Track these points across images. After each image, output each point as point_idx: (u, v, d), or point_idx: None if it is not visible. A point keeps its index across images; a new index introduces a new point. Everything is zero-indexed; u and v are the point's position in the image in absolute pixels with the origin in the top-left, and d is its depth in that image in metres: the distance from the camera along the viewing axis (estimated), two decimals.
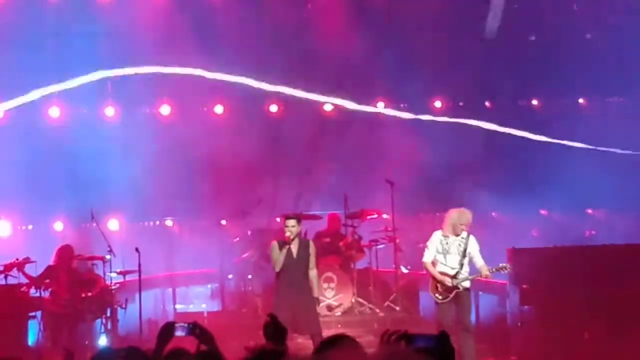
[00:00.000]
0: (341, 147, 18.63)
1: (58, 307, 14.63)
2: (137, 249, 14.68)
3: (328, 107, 19.26)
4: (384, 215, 16.89)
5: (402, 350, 4.94)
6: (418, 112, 19.16)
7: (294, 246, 12.89)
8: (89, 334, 14.92)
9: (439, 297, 12.58)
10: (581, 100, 19.82)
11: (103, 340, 14.78)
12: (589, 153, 17.89)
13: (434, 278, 12.62)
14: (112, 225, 18.20)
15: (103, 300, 14.98)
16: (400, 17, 18.39)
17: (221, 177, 18.10)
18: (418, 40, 18.05)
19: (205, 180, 18.07)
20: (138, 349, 5.75)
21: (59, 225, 18.54)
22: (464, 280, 12.59)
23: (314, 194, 18.25)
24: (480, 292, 15.80)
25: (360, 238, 16.60)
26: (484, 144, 18.66)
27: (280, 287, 12.88)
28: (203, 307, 17.48)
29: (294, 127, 18.42)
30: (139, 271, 14.79)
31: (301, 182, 18.40)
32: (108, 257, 15.21)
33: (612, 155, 18.07)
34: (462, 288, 12.58)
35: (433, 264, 12.71)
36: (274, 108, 19.11)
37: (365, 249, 16.63)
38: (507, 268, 12.90)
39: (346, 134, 18.84)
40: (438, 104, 19.54)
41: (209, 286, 17.85)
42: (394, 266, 16.57)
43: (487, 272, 12.62)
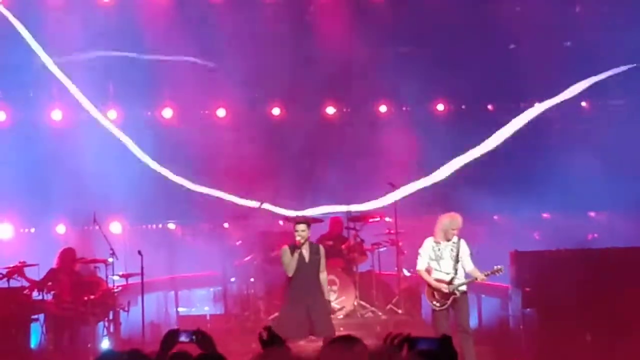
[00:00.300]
0: (343, 149, 18.63)
1: (60, 310, 14.63)
2: (140, 252, 14.68)
3: (330, 109, 19.28)
4: (387, 218, 16.88)
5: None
6: (420, 115, 19.17)
7: (305, 250, 12.85)
8: (92, 337, 14.90)
9: (437, 304, 12.57)
10: (584, 104, 19.81)
11: (105, 343, 14.76)
12: (591, 155, 17.86)
13: (430, 285, 12.61)
14: (115, 228, 18.20)
15: (105, 303, 14.97)
16: (402, 19, 18.40)
17: (223, 180, 18.12)
18: (420, 43, 18.05)
19: (208, 183, 18.08)
20: (140, 352, 5.76)
21: (61, 228, 18.54)
22: (460, 285, 12.58)
23: (316, 197, 18.25)
24: (483, 295, 15.81)
25: (362, 241, 16.59)
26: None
27: (293, 292, 12.81)
28: (205, 310, 17.48)
29: (296, 130, 18.42)
30: (141, 274, 14.78)
31: (303, 184, 18.39)
32: (110, 260, 15.20)
33: (615, 157, 18.04)
34: (459, 293, 12.58)
35: (428, 271, 12.70)
36: (276, 111, 19.13)
37: (368, 252, 16.62)
38: (501, 270, 12.84)
39: (348, 137, 18.85)
40: (440, 107, 19.54)
41: (212, 289, 17.83)
42: (396, 269, 16.57)
43: (482, 276, 12.58)
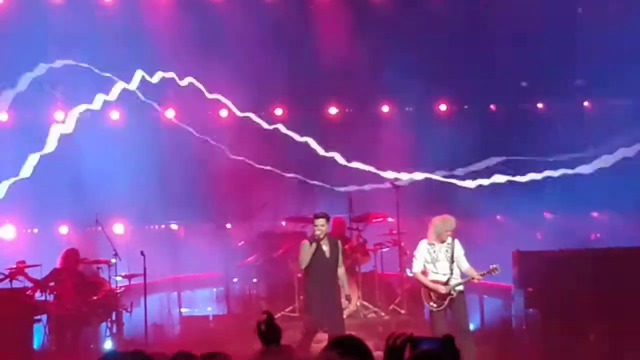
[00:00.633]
0: (345, 149, 18.63)
1: (63, 310, 14.64)
2: (142, 253, 14.70)
3: (332, 109, 19.29)
4: (389, 219, 16.89)
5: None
6: (423, 115, 19.18)
7: (325, 245, 12.88)
8: (94, 337, 14.92)
9: (434, 305, 12.58)
10: (586, 103, 19.81)
11: (108, 344, 14.78)
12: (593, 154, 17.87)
13: (427, 287, 12.62)
14: (117, 228, 18.21)
15: (108, 304, 14.99)
16: (405, 20, 18.39)
17: (225, 181, 18.12)
18: (423, 43, 18.05)
19: (210, 184, 18.09)
20: (143, 353, 5.77)
21: (63, 229, 18.55)
22: (456, 285, 12.59)
23: (318, 198, 18.24)
24: (485, 296, 15.81)
25: (365, 241, 16.59)
26: (487, 146, 18.65)
27: (313, 286, 12.83)
28: (208, 310, 17.48)
29: (297, 130, 18.43)
30: (144, 275, 14.80)
31: (304, 185, 18.39)
32: (113, 260, 15.23)
33: (615, 157, 18.05)
34: (456, 293, 12.60)
35: (424, 273, 12.71)
36: (278, 111, 19.14)
37: (370, 253, 16.63)
38: (498, 270, 12.82)
39: (351, 137, 18.85)
40: (443, 107, 19.55)
41: (214, 290, 17.84)
42: (399, 269, 16.57)
43: (477, 275, 12.58)
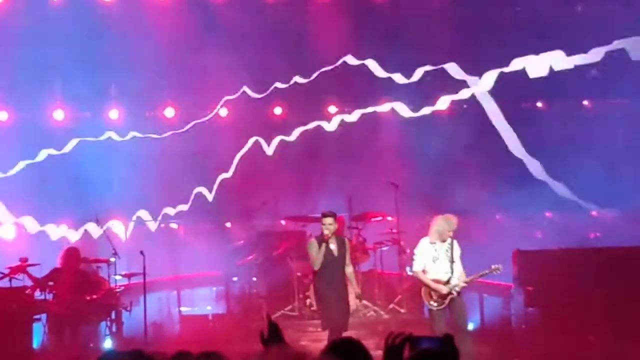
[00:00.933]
0: (345, 149, 18.63)
1: (63, 309, 14.64)
2: (142, 252, 14.70)
3: (332, 109, 19.28)
4: (388, 218, 16.89)
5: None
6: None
7: (333, 244, 12.87)
8: (94, 336, 14.92)
9: (434, 304, 12.58)
10: (585, 102, 19.80)
11: (108, 343, 14.78)
12: (594, 155, 17.84)
13: (428, 286, 12.62)
14: (117, 227, 18.19)
15: (108, 303, 14.99)
16: (403, 19, 18.39)
17: (225, 180, 18.13)
18: (421, 43, 18.04)
19: (210, 183, 18.09)
20: (143, 352, 5.77)
21: (63, 228, 18.53)
22: (457, 285, 12.60)
23: (318, 197, 18.24)
24: (485, 295, 15.81)
25: (364, 240, 16.60)
26: (488, 146, 18.64)
27: (322, 285, 12.84)
28: (208, 309, 17.48)
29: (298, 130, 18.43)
30: (143, 274, 14.80)
31: (304, 185, 18.39)
32: (113, 259, 15.23)
33: (617, 157, 18.04)
34: (456, 293, 12.61)
35: (423, 272, 12.72)
36: (278, 110, 19.14)
37: (370, 251, 16.63)
38: (500, 269, 12.86)
39: (350, 136, 18.84)
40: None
41: (214, 289, 17.84)
42: (398, 268, 16.58)
43: (473, 278, 12.72)
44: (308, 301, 16.06)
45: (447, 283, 12.56)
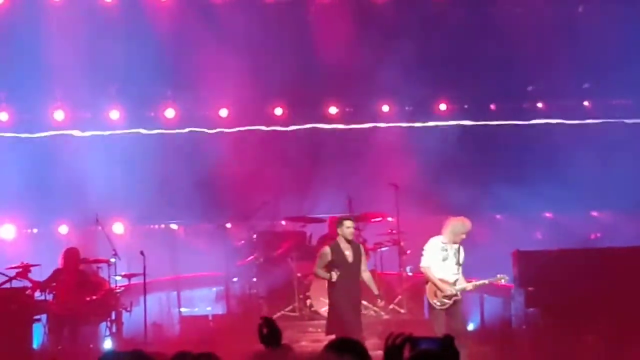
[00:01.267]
0: (345, 149, 18.63)
1: (63, 310, 14.63)
2: (142, 252, 14.69)
3: (332, 109, 19.29)
4: (389, 218, 16.88)
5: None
6: (423, 115, 19.16)
7: (347, 250, 12.82)
8: (94, 337, 14.91)
9: (437, 302, 12.59)
10: (586, 103, 19.79)
11: (108, 344, 14.77)
12: (594, 154, 17.84)
13: (435, 284, 12.61)
14: (117, 228, 18.20)
15: (108, 304, 14.98)
16: (404, 19, 18.38)
17: (225, 180, 18.14)
18: (422, 43, 18.04)
19: (210, 183, 18.09)
20: (143, 352, 5.76)
21: (63, 229, 18.54)
22: (463, 288, 12.63)
23: (318, 198, 18.25)
24: (486, 295, 15.80)
25: (364, 241, 16.57)
26: (488, 146, 18.65)
27: (337, 292, 12.78)
28: (208, 310, 17.47)
29: (298, 130, 18.43)
30: (143, 274, 14.80)
31: (305, 185, 18.39)
32: (113, 260, 15.22)
33: (617, 156, 18.03)
34: (460, 295, 12.64)
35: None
36: (278, 111, 19.13)
37: (370, 252, 16.60)
38: (506, 279, 12.95)
39: (350, 137, 18.85)
40: (443, 107, 19.53)
41: (214, 289, 17.83)
42: (401, 269, 16.56)
43: (474, 284, 12.85)
44: (308, 302, 16.06)
45: (453, 284, 12.59)
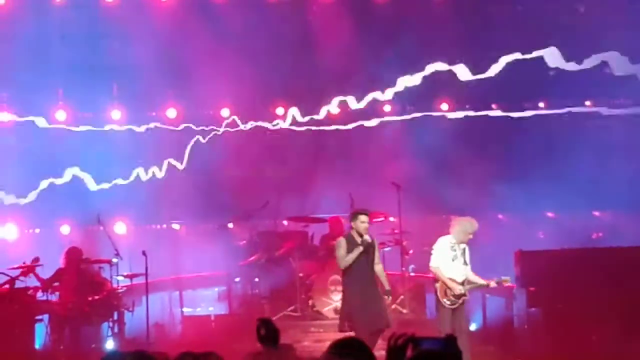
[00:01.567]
0: (347, 149, 18.63)
1: (65, 310, 14.63)
2: (144, 252, 14.68)
3: (334, 109, 19.29)
4: (391, 218, 16.87)
5: None
6: (424, 114, 19.17)
7: (361, 241, 12.79)
8: (96, 337, 14.90)
9: (447, 301, 12.60)
10: (588, 103, 19.79)
11: (110, 344, 14.76)
12: (595, 154, 17.83)
13: (445, 283, 12.62)
14: (119, 228, 18.21)
15: (110, 304, 14.98)
16: (405, 18, 18.38)
17: (227, 180, 18.15)
18: (423, 42, 18.04)
19: (211, 183, 18.10)
20: (145, 353, 5.76)
21: (65, 229, 18.55)
22: (471, 287, 12.66)
23: (320, 198, 18.25)
24: (488, 295, 15.79)
25: None
26: (490, 146, 18.64)
27: (354, 284, 12.76)
28: (210, 310, 17.47)
29: (300, 130, 18.43)
30: (145, 274, 14.78)
31: (305, 184, 18.39)
32: (115, 260, 15.21)
33: (619, 157, 18.02)
34: (468, 295, 12.68)
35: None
36: (280, 110, 19.13)
37: None
38: (509, 282, 12.98)
39: (352, 136, 18.85)
40: (444, 106, 19.53)
41: (216, 289, 17.83)
42: (403, 269, 16.55)
43: (492, 283, 12.86)
44: (310, 302, 16.07)
45: (462, 284, 12.62)
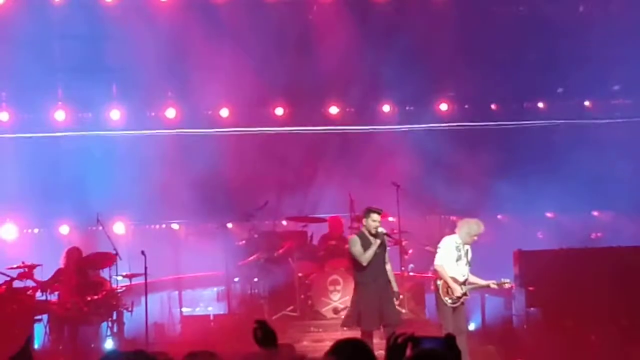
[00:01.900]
0: (347, 149, 18.62)
1: (64, 310, 14.62)
2: (143, 252, 14.67)
3: (333, 109, 19.29)
4: (390, 218, 16.85)
5: None
6: (424, 115, 19.16)
7: (374, 241, 12.78)
8: (95, 337, 14.90)
9: (449, 300, 12.62)
10: (587, 103, 19.79)
11: (109, 344, 14.76)
12: (595, 154, 17.83)
13: (447, 283, 12.63)
14: (118, 228, 18.20)
15: (109, 304, 14.97)
16: (405, 19, 18.38)
17: (226, 180, 18.14)
18: (424, 43, 18.03)
19: (211, 183, 18.08)
20: (144, 353, 5.76)
21: (64, 229, 18.54)
22: (472, 288, 12.68)
23: (319, 197, 18.25)
24: (487, 295, 15.80)
25: None
26: (489, 146, 18.64)
27: (367, 281, 12.74)
28: (209, 310, 17.47)
29: (299, 130, 18.43)
30: (145, 274, 14.77)
31: (307, 184, 18.39)
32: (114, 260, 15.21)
33: (618, 156, 18.03)
34: (469, 294, 12.70)
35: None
36: (279, 111, 19.12)
37: None
38: (509, 284, 13.01)
39: (351, 136, 18.85)
40: (444, 107, 19.53)
41: (215, 289, 17.82)
42: (402, 269, 16.54)
43: (492, 284, 12.91)
44: (309, 302, 16.06)
45: (463, 284, 12.64)
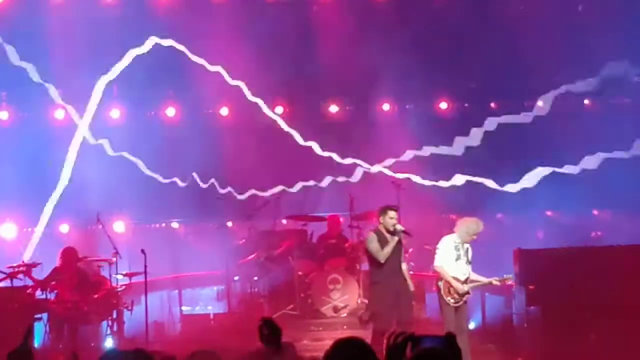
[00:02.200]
0: (346, 149, 18.63)
1: (64, 309, 14.62)
2: (143, 251, 14.68)
3: (333, 108, 19.31)
4: None
5: None
6: (423, 113, 19.18)
7: (390, 238, 12.78)
8: (95, 336, 14.90)
9: (451, 300, 12.62)
10: (586, 102, 19.79)
11: (109, 343, 14.76)
12: (594, 152, 17.84)
13: (449, 282, 12.63)
14: (118, 227, 18.22)
15: (109, 302, 14.97)
16: (405, 17, 18.39)
17: (226, 179, 18.15)
18: (424, 41, 18.05)
19: (210, 183, 18.11)
20: (144, 351, 5.77)
21: (64, 228, 18.55)
22: (473, 286, 12.70)
23: (319, 196, 18.26)
24: (487, 294, 15.80)
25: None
26: (489, 145, 18.65)
27: (385, 277, 12.74)
28: (209, 309, 17.48)
29: (299, 128, 18.44)
30: (144, 273, 14.78)
31: (305, 183, 18.40)
32: (114, 259, 15.21)
33: (617, 156, 18.03)
34: (471, 293, 12.72)
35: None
36: (279, 109, 19.13)
37: None
38: (511, 279, 13.01)
39: (352, 135, 18.86)
40: (443, 105, 19.54)
41: (215, 288, 17.83)
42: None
43: (494, 281, 12.91)
44: (309, 300, 16.07)
45: (464, 283, 12.64)
